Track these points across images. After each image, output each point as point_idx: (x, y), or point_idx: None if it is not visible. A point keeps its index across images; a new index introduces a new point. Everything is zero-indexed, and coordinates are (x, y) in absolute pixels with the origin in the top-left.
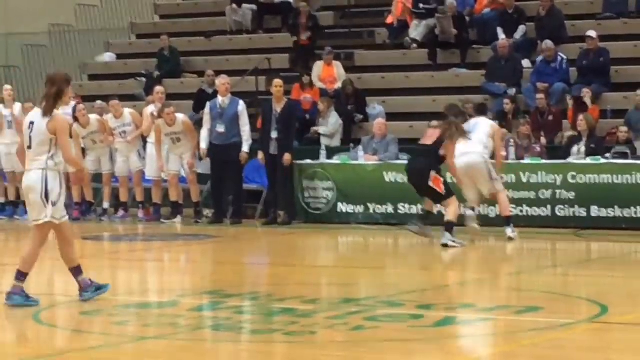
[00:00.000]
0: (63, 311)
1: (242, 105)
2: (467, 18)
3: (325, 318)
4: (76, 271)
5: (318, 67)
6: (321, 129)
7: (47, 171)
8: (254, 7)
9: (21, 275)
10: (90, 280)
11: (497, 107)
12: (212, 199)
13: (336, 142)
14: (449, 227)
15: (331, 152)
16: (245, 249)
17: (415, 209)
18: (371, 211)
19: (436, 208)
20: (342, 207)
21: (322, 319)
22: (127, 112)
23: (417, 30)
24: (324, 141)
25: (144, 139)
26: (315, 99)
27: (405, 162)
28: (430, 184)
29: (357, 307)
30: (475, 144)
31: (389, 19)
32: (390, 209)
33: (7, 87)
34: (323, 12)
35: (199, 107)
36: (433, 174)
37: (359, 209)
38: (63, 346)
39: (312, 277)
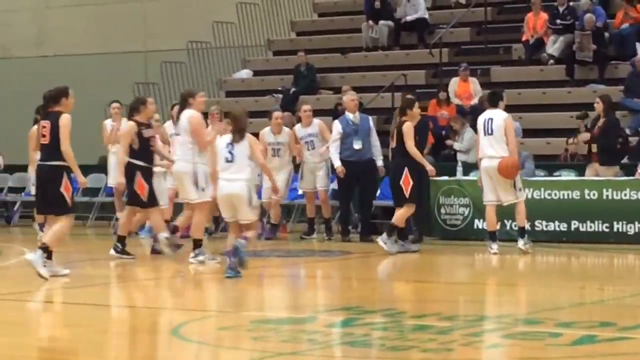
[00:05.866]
0: (201, 327)
1: (372, 121)
2: (606, 34)
3: (463, 335)
4: None
5: (454, 83)
6: (456, 145)
7: None
8: (391, 23)
9: None
10: None
11: (635, 123)
12: (341, 215)
13: (472, 158)
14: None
15: (468, 168)
16: (381, 266)
17: (553, 226)
18: (508, 228)
19: None
20: (479, 224)
21: (459, 336)
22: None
23: (554, 46)
24: (460, 157)
25: None
26: (452, 115)
27: (542, 178)
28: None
29: (494, 324)
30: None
31: (525, 36)
32: (527, 225)
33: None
34: (459, 28)
35: None
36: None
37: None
38: None
39: (449, 294)
